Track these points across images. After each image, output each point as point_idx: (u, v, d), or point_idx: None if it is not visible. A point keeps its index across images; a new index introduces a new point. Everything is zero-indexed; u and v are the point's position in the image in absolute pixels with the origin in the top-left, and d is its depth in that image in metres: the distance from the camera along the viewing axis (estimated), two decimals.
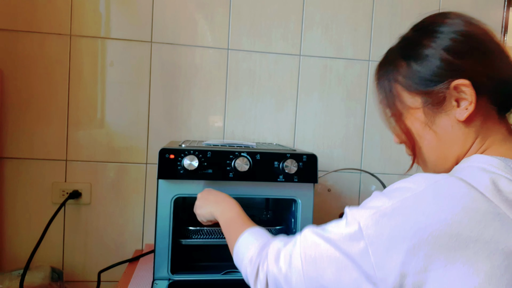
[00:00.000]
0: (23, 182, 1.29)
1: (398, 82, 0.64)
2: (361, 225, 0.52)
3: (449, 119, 0.60)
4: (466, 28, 0.61)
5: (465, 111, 0.58)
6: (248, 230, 0.72)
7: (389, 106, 0.67)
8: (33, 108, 1.28)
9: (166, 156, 0.94)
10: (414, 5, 1.43)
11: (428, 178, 0.52)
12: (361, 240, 0.51)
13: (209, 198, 0.88)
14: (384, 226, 0.50)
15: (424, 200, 0.50)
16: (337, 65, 1.42)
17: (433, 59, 0.60)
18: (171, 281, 0.98)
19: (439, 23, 0.63)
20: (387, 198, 0.53)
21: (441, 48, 0.60)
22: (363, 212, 0.53)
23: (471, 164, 0.57)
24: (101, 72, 1.31)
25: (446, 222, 0.47)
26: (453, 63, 0.59)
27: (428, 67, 0.60)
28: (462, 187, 0.50)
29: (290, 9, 1.39)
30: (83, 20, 1.29)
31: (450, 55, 0.59)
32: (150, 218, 1.35)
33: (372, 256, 0.50)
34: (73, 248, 1.32)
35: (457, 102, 0.59)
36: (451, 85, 0.58)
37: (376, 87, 0.70)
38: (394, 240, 0.49)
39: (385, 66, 0.68)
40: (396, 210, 0.50)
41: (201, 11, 1.34)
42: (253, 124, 1.39)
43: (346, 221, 0.55)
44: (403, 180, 0.54)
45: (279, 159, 0.99)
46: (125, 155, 1.33)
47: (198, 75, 1.35)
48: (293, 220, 1.06)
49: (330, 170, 1.42)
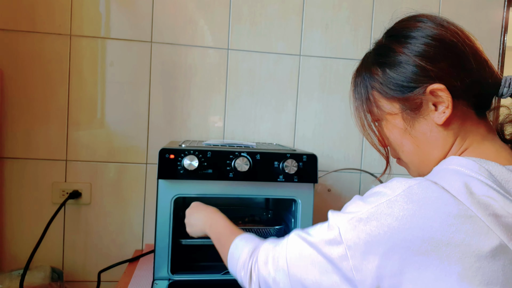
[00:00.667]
0: (23, 182, 1.29)
1: (375, 89, 0.65)
2: (340, 230, 0.54)
3: (427, 123, 0.61)
4: (437, 31, 0.61)
5: (443, 114, 0.59)
6: (238, 237, 0.74)
7: (367, 112, 0.68)
8: (33, 108, 1.28)
9: (166, 156, 0.94)
10: (414, 5, 1.42)
11: (403, 183, 0.53)
12: (341, 244, 0.53)
13: (196, 215, 0.90)
14: (361, 231, 0.52)
15: (397, 205, 0.51)
16: (337, 65, 1.42)
17: (407, 66, 0.60)
18: (171, 281, 0.98)
19: (411, 27, 0.63)
20: (364, 203, 0.54)
21: (413, 54, 0.60)
22: (342, 217, 0.55)
23: (446, 167, 0.57)
24: (101, 72, 1.31)
25: (418, 227, 0.49)
26: (427, 69, 0.59)
27: (403, 74, 0.61)
28: (435, 191, 0.51)
29: (290, 9, 1.39)
30: (83, 20, 1.29)
31: (423, 61, 0.59)
32: (150, 218, 1.35)
33: (351, 259, 0.52)
34: (73, 248, 1.32)
35: (435, 106, 0.60)
36: (427, 90, 0.59)
37: (352, 94, 0.70)
38: (370, 245, 0.51)
39: (361, 72, 0.69)
40: (371, 215, 0.52)
41: (201, 11, 1.34)
42: (253, 124, 1.39)
43: (328, 225, 0.57)
44: (382, 184, 0.56)
45: (279, 159, 0.99)
46: (125, 155, 1.33)
47: (198, 75, 1.35)
48: (293, 220, 1.06)
49: (330, 170, 1.42)
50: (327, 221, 0.59)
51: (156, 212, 0.96)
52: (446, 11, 1.43)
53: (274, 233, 1.08)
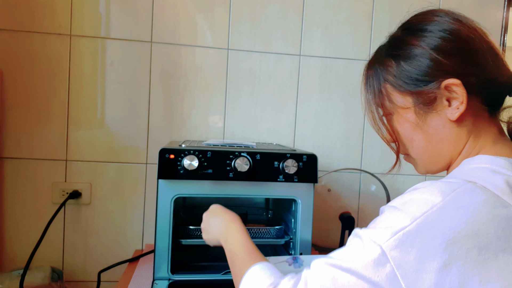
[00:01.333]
0: (23, 182, 1.29)
1: (388, 82, 0.63)
2: (383, 248, 0.48)
3: (440, 118, 0.60)
4: (454, 26, 0.60)
5: (457, 110, 0.58)
6: (256, 265, 0.64)
7: (378, 106, 0.66)
8: (33, 108, 1.28)
9: (166, 156, 0.94)
10: (414, 5, 1.42)
11: (444, 187, 0.50)
12: (387, 263, 0.47)
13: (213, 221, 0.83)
14: (410, 246, 0.47)
15: (447, 212, 0.47)
16: (337, 65, 1.42)
17: (423, 59, 0.59)
18: (171, 281, 0.98)
19: (428, 21, 0.62)
20: (405, 214, 0.49)
21: (430, 48, 0.59)
22: (382, 233, 0.49)
23: (478, 166, 0.55)
24: (101, 72, 1.31)
25: (474, 234, 0.46)
26: (443, 63, 0.58)
27: (418, 67, 0.59)
28: (480, 194, 0.49)
29: (290, 9, 1.39)
30: (83, 20, 1.29)
31: (439, 54, 0.58)
32: (150, 218, 1.35)
33: (402, 280, 0.47)
34: (73, 248, 1.32)
35: (449, 102, 0.59)
36: (442, 85, 0.58)
37: (364, 87, 0.69)
38: (423, 260, 0.46)
39: (374, 65, 0.67)
40: (420, 226, 0.47)
41: (201, 11, 1.34)
42: (253, 124, 1.39)
43: (363, 245, 0.50)
44: (413, 191, 0.52)
45: (279, 159, 0.99)
46: (125, 155, 1.33)
47: (198, 75, 1.35)
48: (293, 220, 1.06)
49: (330, 170, 1.42)
50: (354, 241, 0.53)
51: (156, 212, 0.96)
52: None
53: (274, 233, 1.08)
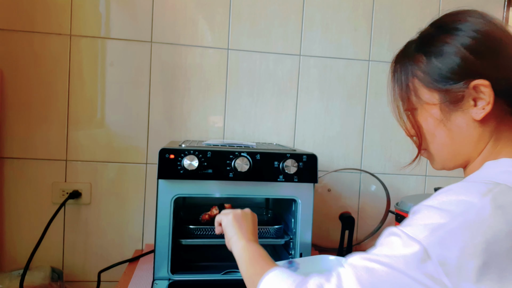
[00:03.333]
0: (23, 182, 1.29)
1: (416, 77, 0.64)
2: (425, 244, 0.48)
3: (464, 117, 0.60)
4: (487, 27, 0.60)
5: (482, 111, 0.58)
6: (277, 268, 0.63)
7: (403, 100, 0.66)
8: (33, 108, 1.28)
9: (166, 156, 0.94)
10: (414, 5, 1.43)
11: (480, 188, 0.51)
12: (429, 260, 0.48)
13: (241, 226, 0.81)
14: (451, 244, 0.48)
15: (486, 212, 0.48)
16: (337, 65, 1.42)
17: (454, 57, 0.59)
18: (171, 281, 0.98)
19: (462, 21, 0.62)
20: (445, 212, 0.50)
21: (463, 47, 0.59)
22: (422, 230, 0.50)
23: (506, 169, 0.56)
24: (101, 72, 1.31)
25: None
26: (474, 63, 0.58)
27: (448, 65, 0.60)
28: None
29: (290, 9, 1.39)
30: (83, 20, 1.29)
31: (471, 54, 0.58)
32: (150, 218, 1.35)
33: (445, 276, 0.47)
34: (73, 248, 1.32)
35: (474, 102, 0.59)
36: (471, 85, 0.58)
37: (391, 80, 0.69)
38: (464, 258, 0.47)
39: (403, 59, 0.67)
40: (461, 225, 0.48)
41: (201, 11, 1.34)
42: (253, 124, 1.39)
43: (402, 242, 0.50)
44: (447, 191, 0.53)
45: (279, 159, 0.99)
46: (125, 155, 1.33)
47: (198, 75, 1.35)
48: (293, 220, 1.06)
49: (330, 170, 1.42)
50: (391, 239, 0.52)
51: (156, 212, 0.96)
52: (446, 11, 1.43)
53: (273, 233, 1.08)
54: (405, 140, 1.46)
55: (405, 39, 0.69)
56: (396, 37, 1.42)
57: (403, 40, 0.70)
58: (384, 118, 1.45)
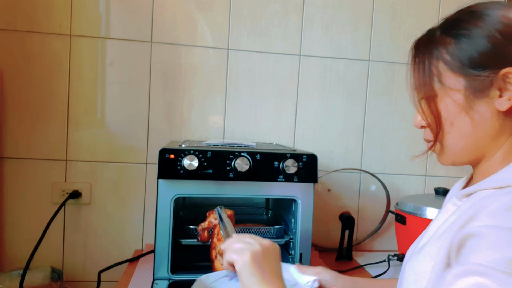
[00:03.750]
0: (23, 182, 1.28)
1: (442, 60, 0.60)
2: None
3: (488, 106, 0.57)
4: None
5: (508, 102, 0.56)
6: None
7: (424, 85, 0.62)
8: (33, 108, 1.28)
9: (166, 156, 0.94)
10: (414, 5, 1.43)
11: None
12: None
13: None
14: None
15: None
16: (337, 65, 1.42)
17: (485, 41, 0.56)
18: (171, 281, 0.98)
19: (489, 7, 0.59)
20: None
21: (495, 30, 0.56)
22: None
23: None
24: (101, 72, 1.31)
25: None
26: (506, 49, 0.55)
27: (479, 48, 0.56)
28: None
29: (290, 9, 1.39)
30: (83, 20, 1.29)
31: (503, 38, 0.55)
32: (150, 218, 1.35)
33: None
34: (73, 248, 1.32)
35: (500, 91, 0.56)
36: (500, 73, 0.55)
37: (412, 64, 0.65)
38: None
39: (426, 43, 0.63)
40: None
41: (201, 11, 1.34)
42: (253, 124, 1.39)
43: (499, 278, 0.43)
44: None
45: (279, 159, 0.99)
46: (125, 155, 1.33)
47: (198, 75, 1.35)
48: (293, 220, 1.06)
49: (330, 170, 1.42)
50: (475, 279, 0.44)
51: (156, 212, 0.96)
52: (446, 11, 1.43)
53: (274, 233, 1.08)
54: (405, 140, 1.47)
55: (405, 39, 0.69)
56: (396, 37, 1.41)
57: (403, 40, 0.69)
58: (384, 118, 1.45)
